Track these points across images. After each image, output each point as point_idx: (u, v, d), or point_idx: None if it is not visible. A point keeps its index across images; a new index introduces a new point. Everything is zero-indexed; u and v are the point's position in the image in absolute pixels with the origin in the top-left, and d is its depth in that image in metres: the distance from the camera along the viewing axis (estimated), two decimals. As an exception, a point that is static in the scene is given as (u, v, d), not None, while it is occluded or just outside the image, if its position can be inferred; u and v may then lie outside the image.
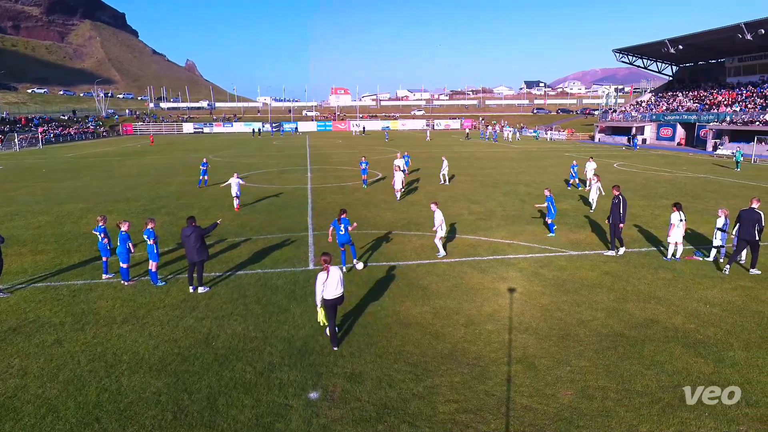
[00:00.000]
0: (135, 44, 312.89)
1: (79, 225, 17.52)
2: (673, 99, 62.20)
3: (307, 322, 9.39)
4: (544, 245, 14.59)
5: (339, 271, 8.37)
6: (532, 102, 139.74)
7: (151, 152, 50.40)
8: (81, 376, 7.67)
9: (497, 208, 20.13)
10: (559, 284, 11.41)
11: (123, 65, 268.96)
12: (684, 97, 60.55)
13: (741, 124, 47.81)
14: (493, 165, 36.22)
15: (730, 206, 19.05)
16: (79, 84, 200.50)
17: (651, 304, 10.22)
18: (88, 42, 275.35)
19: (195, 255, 10.92)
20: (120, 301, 10.57)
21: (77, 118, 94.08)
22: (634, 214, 18.83)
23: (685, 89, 63.24)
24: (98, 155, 48.00)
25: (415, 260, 13.21)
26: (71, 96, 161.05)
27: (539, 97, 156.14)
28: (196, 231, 10.97)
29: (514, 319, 9.54)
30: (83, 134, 79.45)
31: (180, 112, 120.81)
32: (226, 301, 10.50)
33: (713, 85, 59.89)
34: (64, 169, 36.11)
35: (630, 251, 13.99)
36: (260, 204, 21.14)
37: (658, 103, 63.66)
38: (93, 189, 25.92)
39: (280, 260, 13.28)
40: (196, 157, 43.68)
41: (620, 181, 27.87)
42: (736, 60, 57.62)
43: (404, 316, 9.68)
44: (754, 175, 30.66)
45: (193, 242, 10.88)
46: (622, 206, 13.25)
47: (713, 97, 55.86)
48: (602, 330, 9.06)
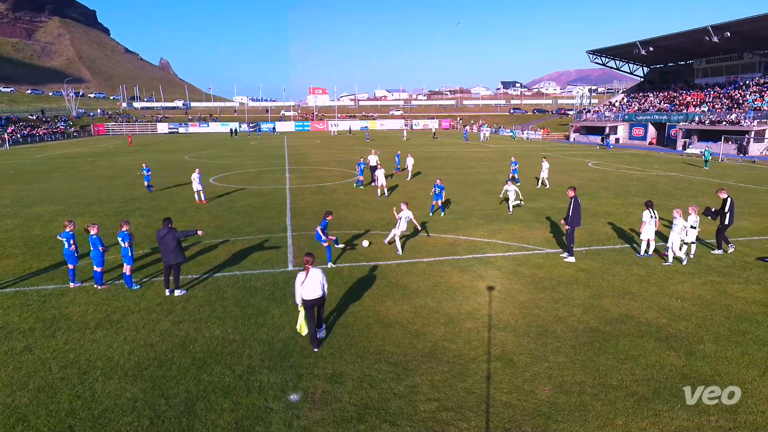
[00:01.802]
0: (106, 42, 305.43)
1: (49, 228, 17.01)
2: (644, 99, 63.82)
3: (287, 324, 9.31)
4: (521, 243, 14.78)
5: (319, 272, 8.33)
6: (508, 102, 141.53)
7: (124, 153, 49.29)
8: (53, 383, 7.45)
9: (476, 207, 20.32)
10: (537, 282, 11.57)
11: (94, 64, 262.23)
12: (655, 98, 62.18)
13: (709, 123, 49.36)
14: (471, 165, 36.53)
15: (699, 203, 19.64)
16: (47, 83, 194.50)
17: (625, 300, 10.45)
18: (57, 39, 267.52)
19: (170, 257, 10.68)
20: (93, 305, 10.31)
21: (46, 117, 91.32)
22: (607, 212, 19.24)
23: (656, 90, 64.94)
24: (69, 156, 46.68)
25: (395, 260, 13.23)
26: (40, 95, 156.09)
27: (516, 98, 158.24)
28: (171, 233, 10.70)
29: (493, 316, 9.64)
30: (53, 134, 77.18)
31: (154, 111, 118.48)
32: (203, 304, 10.33)
33: (682, 86, 61.68)
34: (33, 170, 35.01)
35: (604, 248, 14.28)
36: (238, 205, 20.88)
37: (630, 104, 65.24)
38: (64, 191, 25.21)
39: (258, 261, 13.14)
40: (172, 158, 42.90)
41: (594, 179, 28.47)
42: (703, 62, 59.45)
43: (384, 316, 9.69)
44: (721, 173, 31.68)
45: (168, 244, 10.64)
46: (574, 208, 12.82)
47: (682, 98, 57.51)
48: (579, 326, 9.22)
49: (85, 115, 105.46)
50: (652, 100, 61.73)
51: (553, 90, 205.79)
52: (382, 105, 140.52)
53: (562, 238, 15.10)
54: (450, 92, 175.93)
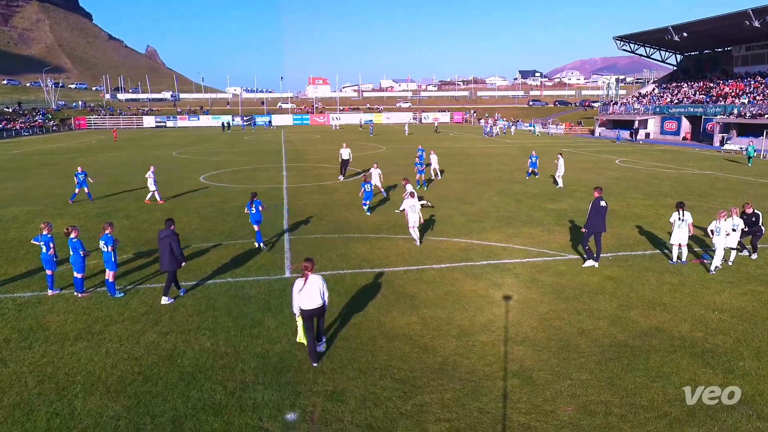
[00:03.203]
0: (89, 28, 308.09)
1: (26, 230, 17.16)
2: (677, 90, 63.49)
3: (284, 336, 9.33)
4: (541, 248, 14.74)
5: (320, 279, 8.34)
6: (527, 93, 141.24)
7: (108, 149, 49.65)
8: (29, 399, 7.50)
9: (491, 208, 20.30)
10: (558, 291, 11.53)
11: (75, 52, 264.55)
12: (689, 89, 61.85)
13: (749, 117, 48.99)
14: (486, 162, 36.50)
15: (740, 204, 19.47)
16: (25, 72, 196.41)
17: (656, 311, 10.39)
18: (35, 26, 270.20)
19: (164, 262, 10.93)
20: (73, 315, 10.37)
21: (23, 110, 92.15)
22: (637, 214, 19.15)
23: (690, 80, 64.60)
24: (48, 152, 47.09)
25: (402, 266, 13.23)
26: (16, 86, 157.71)
27: (535, 88, 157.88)
28: (170, 236, 10.92)
29: (509, 329, 9.62)
30: (30, 129, 77.84)
31: (140, 104, 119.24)
32: (192, 314, 10.37)
33: (720, 75, 61.31)
34: (9, 167, 35.34)
35: (633, 254, 14.21)
36: (230, 206, 20.97)
37: (661, 95, 64.93)
38: (42, 190, 25.42)
39: (252, 267, 13.18)
40: (159, 154, 43.17)
41: (622, 178, 28.35)
42: (743, 48, 59.05)
43: (390, 328, 9.68)
44: (766, 171, 31.42)
45: (164, 248, 10.85)
46: (592, 210, 12.90)
47: (720, 89, 57.16)
48: (604, 340, 9.18)
49: (65, 107, 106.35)
50: (686, 91, 61.40)
51: (576, 80, 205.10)
52: (388, 96, 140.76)
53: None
54: (463, 83, 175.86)
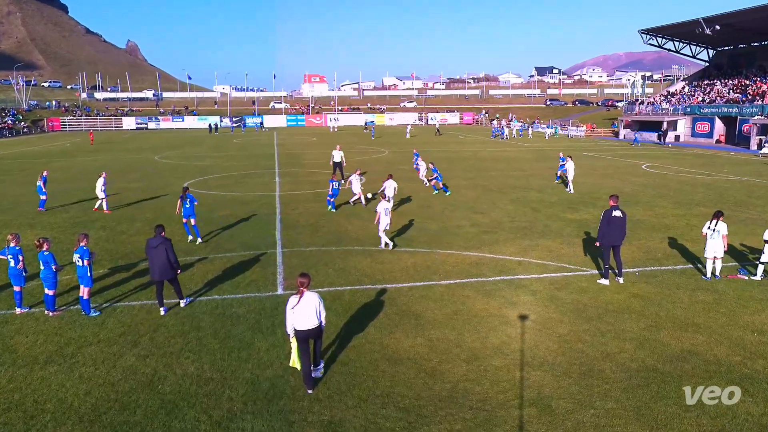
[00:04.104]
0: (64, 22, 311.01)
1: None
2: (710, 88, 63.65)
3: (276, 359, 9.30)
4: (560, 262, 14.71)
5: (316, 297, 8.34)
6: (544, 92, 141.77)
7: (84, 152, 49.93)
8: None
9: (505, 218, 20.29)
10: (580, 310, 11.50)
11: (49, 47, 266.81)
12: (723, 86, 62.00)
13: (790, 117, 49.01)
14: (500, 167, 36.56)
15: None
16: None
17: (689, 333, 10.34)
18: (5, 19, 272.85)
19: (156, 272, 11.13)
20: (43, 335, 10.37)
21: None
22: (666, 225, 19.11)
23: (724, 77, 64.77)
24: (18, 156, 47.38)
25: (406, 282, 13.21)
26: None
27: (553, 86, 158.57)
28: (165, 243, 11.11)
29: (526, 352, 9.57)
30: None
31: (119, 103, 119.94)
32: (175, 335, 10.36)
33: (757, 71, 61.43)
34: (-25, 173, 35.51)
35: (662, 269, 14.16)
36: (218, 215, 21.01)
37: (692, 94, 65.07)
38: (10, 198, 25.53)
39: (242, 284, 13.18)
40: (140, 159, 43.36)
41: (650, 185, 28.34)
42: (782, 43, 59.21)
43: (394, 351, 9.65)
44: (806, 177, 31.36)
45: (158, 257, 11.00)
46: (603, 220, 13.03)
47: (757, 86, 57.26)
48: (631, 364, 9.13)
49: (37, 107, 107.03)
50: (720, 89, 61.54)
51: (598, 77, 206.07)
52: (391, 95, 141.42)
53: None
54: (473, 80, 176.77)
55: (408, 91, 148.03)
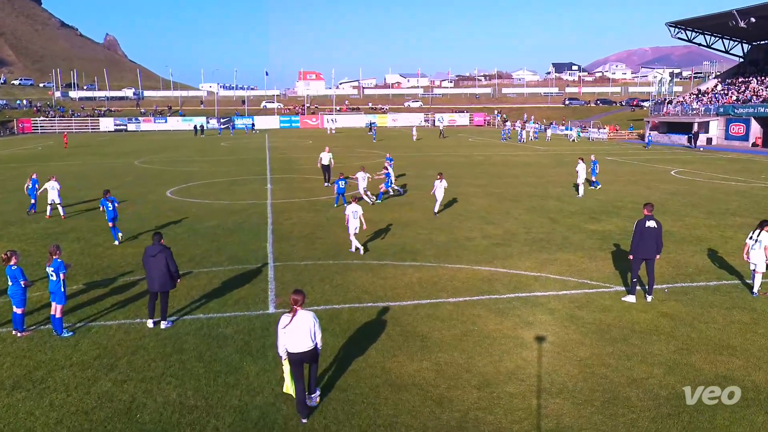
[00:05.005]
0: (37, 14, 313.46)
1: (-44, 255, 17.24)
2: (745, 86, 63.79)
3: (266, 385, 9.28)
4: (581, 278, 14.67)
5: (310, 316, 8.32)
6: (562, 90, 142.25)
7: (57, 157, 50.13)
8: (-46, 462, 7.46)
9: (519, 229, 20.29)
10: (603, 331, 11.46)
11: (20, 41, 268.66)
12: (759, 84, 62.12)
13: (833, 118, 49.04)
14: (514, 173, 36.60)
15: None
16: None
17: (723, 356, 10.29)
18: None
19: (156, 283, 11.35)
20: (10, 358, 10.36)
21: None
22: (698, 237, 19.07)
23: (761, 74, 64.90)
24: (-16, 161, 47.55)
25: (411, 300, 13.19)
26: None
27: (572, 84, 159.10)
28: (164, 252, 11.34)
29: (543, 377, 9.54)
30: (-36, 133, 78.79)
31: (96, 103, 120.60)
32: (155, 358, 10.34)
33: (796, 68, 61.58)
34: (-62, 179, 35.65)
35: (694, 286, 14.12)
36: (203, 226, 21.04)
37: (726, 92, 65.18)
38: (-24, 206, 25.58)
39: (229, 301, 13.17)
40: (118, 164, 43.50)
41: (679, 192, 28.32)
42: (824, 36, 59.40)
43: (397, 376, 9.62)
44: None
45: (157, 267, 11.20)
46: (636, 231, 13.06)
47: (797, 84, 57.37)
48: (660, 391, 9.08)
49: (6, 107, 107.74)
50: (756, 88, 61.65)
51: (621, 74, 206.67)
52: (394, 94, 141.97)
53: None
54: (485, 77, 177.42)
55: (413, 90, 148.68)
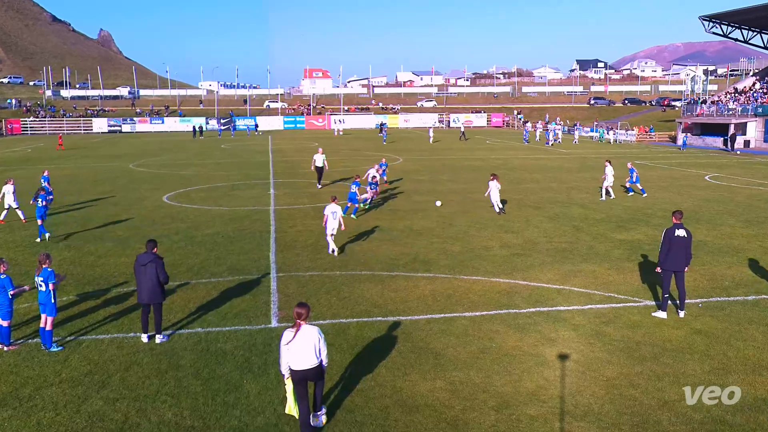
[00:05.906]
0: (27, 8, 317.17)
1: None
2: (785, 85, 63.30)
3: (268, 405, 9.28)
4: (608, 292, 14.58)
5: (315, 331, 8.31)
6: (587, 89, 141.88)
7: (50, 159, 50.55)
8: (-64, 485, 7.51)
9: (541, 238, 20.22)
10: (631, 348, 11.38)
11: (9, 37, 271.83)
12: (801, 83, 61.65)
13: None
14: (535, 177, 36.51)
15: None
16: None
17: (763, 377, 10.20)
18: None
19: (145, 295, 11.37)
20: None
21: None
22: (734, 247, 18.91)
23: (803, 71, 64.43)
24: (-29, 164, 48.02)
25: (423, 314, 13.16)
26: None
27: (597, 83, 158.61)
28: (155, 261, 11.33)
29: (566, 399, 9.48)
30: (-50, 134, 79.76)
31: (89, 102, 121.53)
32: (150, 375, 10.37)
33: (841, 65, 61.10)
34: None
35: (731, 300, 13.99)
36: (201, 233, 21.12)
37: (765, 91, 64.75)
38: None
39: (229, 314, 13.19)
40: (112, 167, 43.81)
41: (713, 199, 28.12)
42: None
43: (408, 396, 9.60)
44: None
45: (146, 277, 11.21)
46: (664, 241, 13.02)
47: (842, 83, 56.93)
48: (694, 415, 9.01)
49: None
50: (797, 86, 61.20)
51: (651, 72, 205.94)
52: (406, 93, 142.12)
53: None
54: (503, 75, 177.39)
55: (426, 89, 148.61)
